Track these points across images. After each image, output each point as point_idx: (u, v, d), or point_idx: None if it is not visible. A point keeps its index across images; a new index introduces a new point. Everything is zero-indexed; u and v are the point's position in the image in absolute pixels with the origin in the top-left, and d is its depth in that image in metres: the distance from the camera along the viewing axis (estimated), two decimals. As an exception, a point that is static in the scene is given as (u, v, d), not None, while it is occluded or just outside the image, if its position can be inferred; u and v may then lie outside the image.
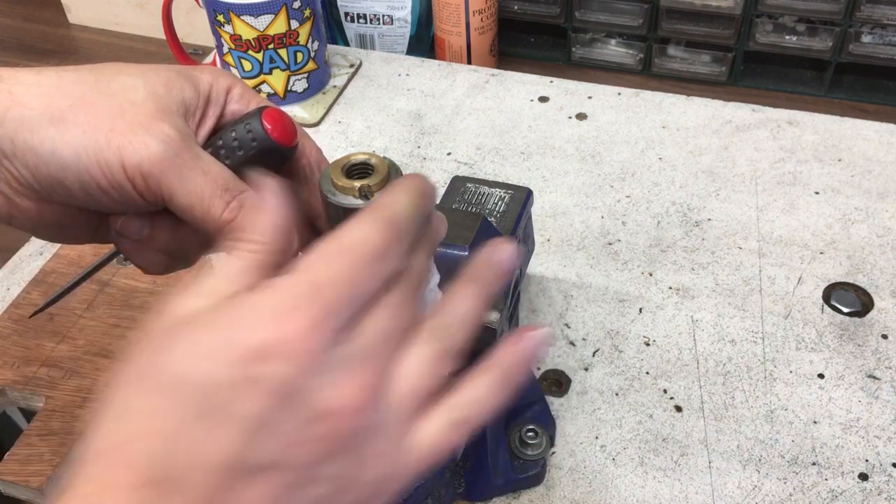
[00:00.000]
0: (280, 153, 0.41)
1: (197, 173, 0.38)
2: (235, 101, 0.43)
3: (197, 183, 0.38)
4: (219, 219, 0.38)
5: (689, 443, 0.55)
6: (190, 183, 0.38)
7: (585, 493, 0.53)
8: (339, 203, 0.36)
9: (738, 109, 0.82)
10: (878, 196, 0.72)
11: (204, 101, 0.41)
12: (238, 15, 0.77)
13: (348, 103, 0.86)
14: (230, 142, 0.40)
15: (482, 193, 0.57)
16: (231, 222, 0.38)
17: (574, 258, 0.68)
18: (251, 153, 0.40)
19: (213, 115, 0.42)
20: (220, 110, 0.42)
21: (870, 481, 0.53)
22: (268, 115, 0.40)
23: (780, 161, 0.76)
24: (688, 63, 0.91)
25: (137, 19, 1.01)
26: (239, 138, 0.40)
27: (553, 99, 0.84)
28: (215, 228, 0.38)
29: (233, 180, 0.39)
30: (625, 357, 0.61)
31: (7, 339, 0.60)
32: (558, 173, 0.76)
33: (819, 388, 0.58)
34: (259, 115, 0.40)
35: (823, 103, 0.87)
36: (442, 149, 0.79)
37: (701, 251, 0.68)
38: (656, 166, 0.76)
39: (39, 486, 0.51)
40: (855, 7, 0.81)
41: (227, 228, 0.38)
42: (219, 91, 0.42)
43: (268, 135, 0.40)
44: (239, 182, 0.39)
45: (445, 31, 0.90)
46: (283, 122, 0.41)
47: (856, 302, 0.64)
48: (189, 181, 0.38)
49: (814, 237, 0.69)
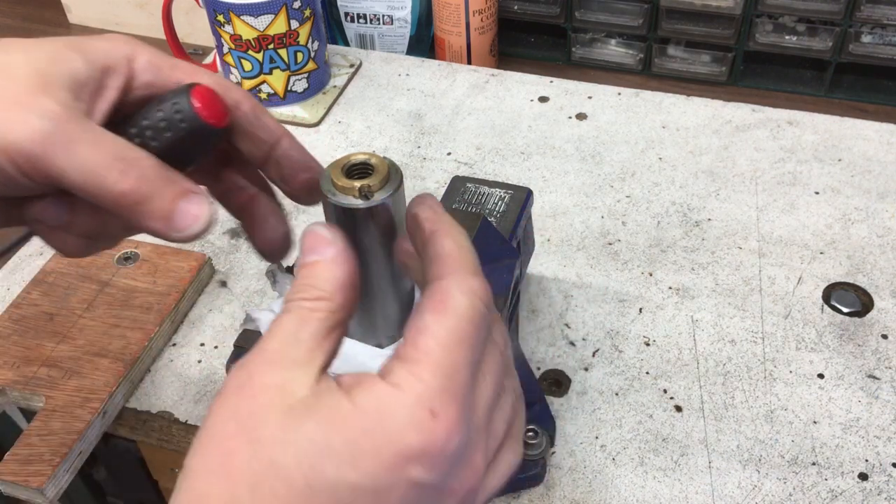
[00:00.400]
0: (211, 134, 0.38)
1: (85, 146, 0.34)
2: (146, 71, 0.39)
3: (86, 155, 0.34)
4: (115, 190, 0.34)
5: (689, 443, 0.55)
6: (78, 157, 0.34)
7: (585, 493, 0.53)
8: (339, 203, 0.36)
9: (738, 109, 0.82)
10: (878, 196, 0.72)
11: (99, 71, 0.37)
12: (238, 15, 0.77)
13: (348, 103, 0.86)
14: (157, 122, 0.37)
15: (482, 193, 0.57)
16: (129, 193, 0.35)
17: (574, 258, 0.68)
18: (180, 135, 0.37)
19: (114, 87, 0.38)
20: (122, 81, 0.38)
21: (870, 481, 0.53)
22: (197, 93, 0.37)
23: (780, 161, 0.76)
24: (688, 63, 0.91)
25: (137, 19, 1.01)
26: (167, 118, 0.37)
27: (553, 99, 0.84)
28: (114, 202, 0.35)
29: (128, 149, 0.35)
30: (625, 357, 0.61)
31: (7, 339, 0.60)
32: (558, 173, 0.76)
33: (819, 388, 0.58)
34: (187, 92, 0.37)
35: (823, 103, 0.87)
36: (442, 149, 0.79)
37: (701, 251, 0.68)
38: (656, 166, 0.76)
39: (39, 486, 0.51)
40: (855, 7, 0.81)
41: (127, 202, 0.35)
42: (117, 59, 0.38)
43: (197, 114, 0.36)
44: (135, 150, 0.36)
45: (445, 31, 0.90)
46: (214, 100, 0.37)
47: (856, 302, 0.64)
48: (77, 155, 0.34)
49: (814, 237, 0.69)
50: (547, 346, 0.61)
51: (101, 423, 0.56)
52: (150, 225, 0.35)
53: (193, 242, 0.70)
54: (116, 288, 0.64)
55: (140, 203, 0.35)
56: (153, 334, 0.61)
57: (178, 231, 0.36)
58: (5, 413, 0.63)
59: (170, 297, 0.63)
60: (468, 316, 0.32)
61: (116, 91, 0.38)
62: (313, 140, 0.81)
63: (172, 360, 0.62)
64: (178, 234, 0.36)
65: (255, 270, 0.68)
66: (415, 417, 0.29)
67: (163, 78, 0.39)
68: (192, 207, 0.36)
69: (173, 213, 0.35)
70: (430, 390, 0.30)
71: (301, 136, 0.82)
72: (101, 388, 0.57)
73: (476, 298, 0.32)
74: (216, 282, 0.68)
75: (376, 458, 0.29)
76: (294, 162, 0.41)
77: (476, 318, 0.32)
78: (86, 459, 0.56)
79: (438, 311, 0.32)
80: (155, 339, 0.61)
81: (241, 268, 0.69)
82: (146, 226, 0.36)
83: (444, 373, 0.30)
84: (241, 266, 0.69)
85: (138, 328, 0.61)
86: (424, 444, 0.29)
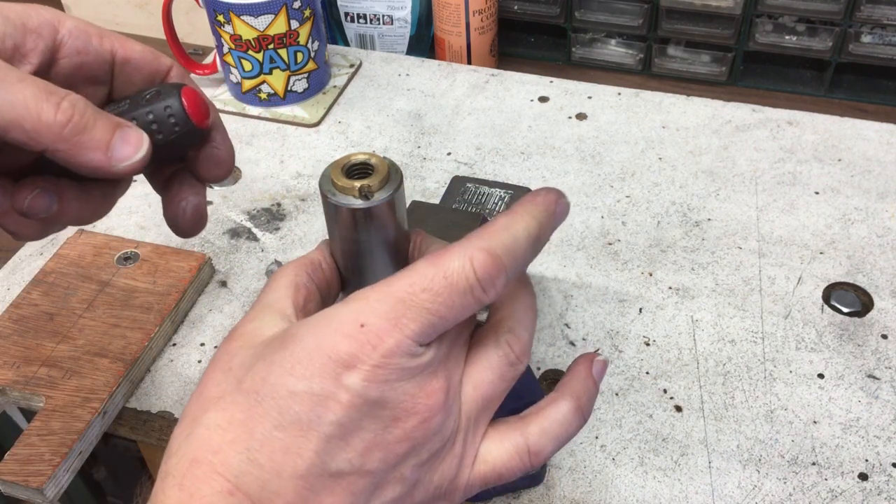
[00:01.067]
0: (198, 134, 0.37)
1: (12, 82, 0.34)
2: (74, 38, 0.38)
3: (16, 91, 0.33)
4: (53, 122, 0.34)
5: (689, 443, 0.55)
6: (9, 94, 0.33)
7: (585, 493, 0.53)
8: (339, 203, 0.36)
9: (738, 109, 0.82)
10: (878, 196, 0.72)
11: (19, 30, 0.37)
12: (238, 15, 0.77)
13: (348, 103, 0.86)
14: (147, 123, 0.36)
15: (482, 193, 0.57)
16: (66, 123, 0.34)
17: (574, 258, 0.68)
18: (171, 138, 0.36)
19: (38, 50, 0.37)
20: (46, 44, 0.38)
21: (870, 481, 0.53)
22: (186, 95, 0.36)
23: (780, 161, 0.76)
24: (688, 63, 0.91)
25: (137, 19, 1.01)
26: (158, 120, 0.36)
27: (553, 99, 0.84)
28: (52, 136, 0.34)
29: (56, 86, 0.35)
30: (625, 357, 0.61)
31: (7, 339, 0.60)
32: (558, 173, 0.76)
33: (819, 388, 0.58)
34: (178, 94, 0.36)
35: (823, 103, 0.87)
36: (442, 149, 0.79)
37: (701, 251, 0.68)
38: (656, 166, 0.76)
39: (39, 486, 0.51)
40: (855, 7, 0.81)
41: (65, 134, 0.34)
42: (39, 23, 0.38)
43: (189, 118, 0.36)
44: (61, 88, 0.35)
45: (445, 31, 0.90)
46: (200, 101, 0.37)
47: (856, 302, 0.64)
48: (8, 93, 0.33)
49: (814, 237, 0.69)
50: (547, 346, 0.62)
51: (101, 423, 0.56)
52: (90, 157, 0.35)
53: (193, 243, 0.70)
54: (116, 288, 0.64)
55: (78, 133, 0.34)
56: (153, 334, 0.61)
57: (119, 161, 0.35)
58: (5, 413, 0.63)
59: (170, 297, 0.63)
60: (451, 272, 0.31)
61: (39, 55, 0.37)
62: (313, 140, 0.81)
63: (172, 360, 0.62)
64: (119, 165, 0.35)
65: (255, 270, 0.68)
66: (343, 326, 0.31)
67: (93, 46, 0.39)
68: (131, 135, 0.36)
69: (112, 141, 0.35)
70: (368, 307, 0.31)
71: (301, 137, 0.82)
72: (101, 388, 0.57)
73: (470, 270, 0.31)
74: (216, 282, 0.68)
75: (309, 364, 0.30)
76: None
77: (460, 283, 0.31)
78: (86, 459, 0.56)
79: (427, 261, 0.32)
80: (155, 339, 0.61)
81: (241, 268, 0.69)
82: (86, 160, 0.35)
83: (393, 298, 0.31)
84: (241, 266, 0.69)
85: (138, 328, 0.61)
86: (352, 350, 0.30)
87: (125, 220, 0.73)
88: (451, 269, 0.31)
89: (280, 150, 0.80)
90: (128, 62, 0.40)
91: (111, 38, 0.40)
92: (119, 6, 1.01)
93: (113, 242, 0.67)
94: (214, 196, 0.75)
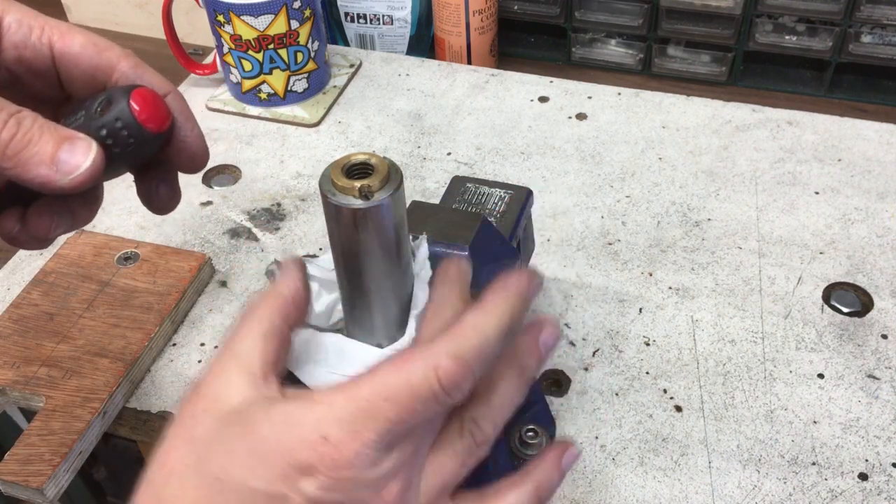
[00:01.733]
0: (155, 140, 0.35)
1: None
2: (15, 32, 0.37)
3: None
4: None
5: (689, 443, 0.55)
6: None
7: (585, 493, 0.53)
8: (339, 203, 0.36)
9: (737, 109, 0.82)
10: (878, 196, 0.72)
11: None
12: (238, 15, 0.77)
13: (348, 103, 0.86)
14: (101, 138, 0.34)
15: (482, 193, 0.57)
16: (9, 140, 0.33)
17: (574, 258, 0.68)
18: (129, 149, 0.34)
19: None
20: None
21: (870, 481, 0.53)
22: (137, 97, 0.34)
23: (779, 161, 0.76)
24: (688, 63, 0.91)
25: (137, 19, 1.01)
26: (111, 134, 0.34)
27: (553, 99, 0.84)
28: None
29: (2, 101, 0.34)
30: (625, 357, 0.61)
31: (7, 339, 0.60)
32: (558, 173, 0.76)
33: (819, 388, 0.58)
34: (127, 102, 0.34)
35: (823, 103, 0.87)
36: (442, 149, 0.79)
37: (701, 251, 0.68)
38: (656, 166, 0.76)
39: (39, 486, 0.51)
40: (855, 7, 0.81)
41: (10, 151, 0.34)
42: None
43: (142, 126, 0.34)
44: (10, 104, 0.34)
45: (445, 31, 0.90)
46: (156, 103, 0.35)
47: (856, 302, 0.64)
48: None
49: (814, 237, 0.69)
50: (547, 346, 0.61)
51: (101, 423, 0.56)
52: (36, 172, 0.34)
53: (193, 243, 0.70)
54: (116, 288, 0.64)
55: (21, 149, 0.34)
56: (153, 334, 0.61)
57: (65, 174, 0.34)
58: (5, 413, 0.63)
59: (170, 297, 0.63)
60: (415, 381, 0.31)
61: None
62: (313, 140, 0.81)
63: (172, 360, 0.62)
64: (67, 178, 0.35)
65: (255, 270, 0.68)
66: (305, 434, 0.31)
67: (31, 41, 0.38)
68: (78, 146, 0.35)
69: (58, 154, 0.34)
70: (332, 414, 0.31)
71: (301, 137, 0.82)
72: (102, 388, 0.57)
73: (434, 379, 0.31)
74: (216, 282, 0.68)
75: (270, 466, 0.31)
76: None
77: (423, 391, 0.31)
78: (86, 459, 0.56)
79: (393, 366, 0.32)
80: (155, 339, 0.61)
81: (241, 268, 0.69)
82: (33, 175, 0.34)
83: (355, 407, 0.31)
84: (241, 266, 0.69)
85: (138, 328, 0.61)
86: (311, 461, 0.30)
87: (125, 220, 0.73)
88: (415, 378, 0.31)
89: (280, 150, 0.80)
90: (65, 56, 0.39)
91: (52, 30, 0.39)
92: (119, 6, 1.01)
93: (113, 242, 0.67)
94: (214, 196, 0.75)
